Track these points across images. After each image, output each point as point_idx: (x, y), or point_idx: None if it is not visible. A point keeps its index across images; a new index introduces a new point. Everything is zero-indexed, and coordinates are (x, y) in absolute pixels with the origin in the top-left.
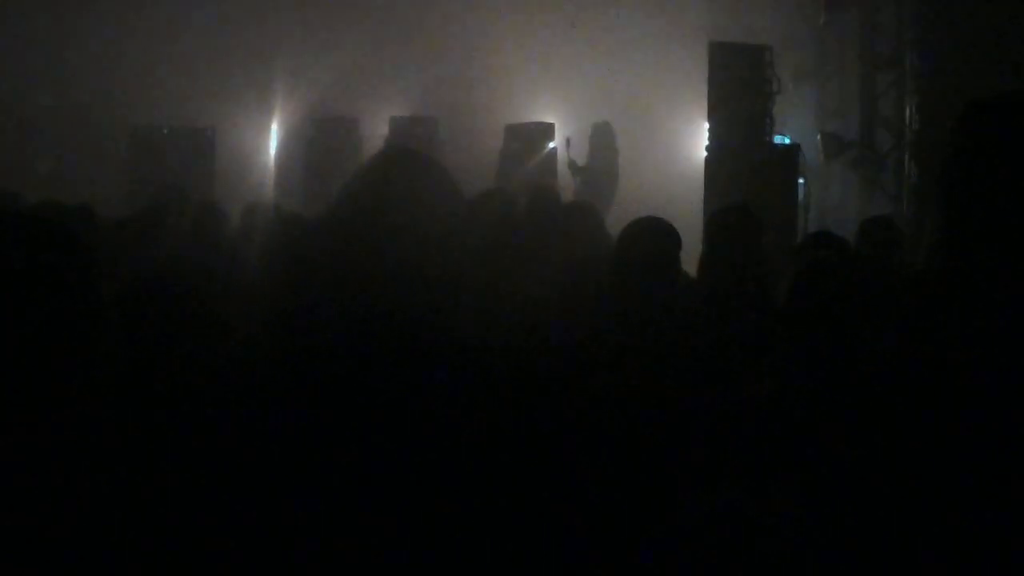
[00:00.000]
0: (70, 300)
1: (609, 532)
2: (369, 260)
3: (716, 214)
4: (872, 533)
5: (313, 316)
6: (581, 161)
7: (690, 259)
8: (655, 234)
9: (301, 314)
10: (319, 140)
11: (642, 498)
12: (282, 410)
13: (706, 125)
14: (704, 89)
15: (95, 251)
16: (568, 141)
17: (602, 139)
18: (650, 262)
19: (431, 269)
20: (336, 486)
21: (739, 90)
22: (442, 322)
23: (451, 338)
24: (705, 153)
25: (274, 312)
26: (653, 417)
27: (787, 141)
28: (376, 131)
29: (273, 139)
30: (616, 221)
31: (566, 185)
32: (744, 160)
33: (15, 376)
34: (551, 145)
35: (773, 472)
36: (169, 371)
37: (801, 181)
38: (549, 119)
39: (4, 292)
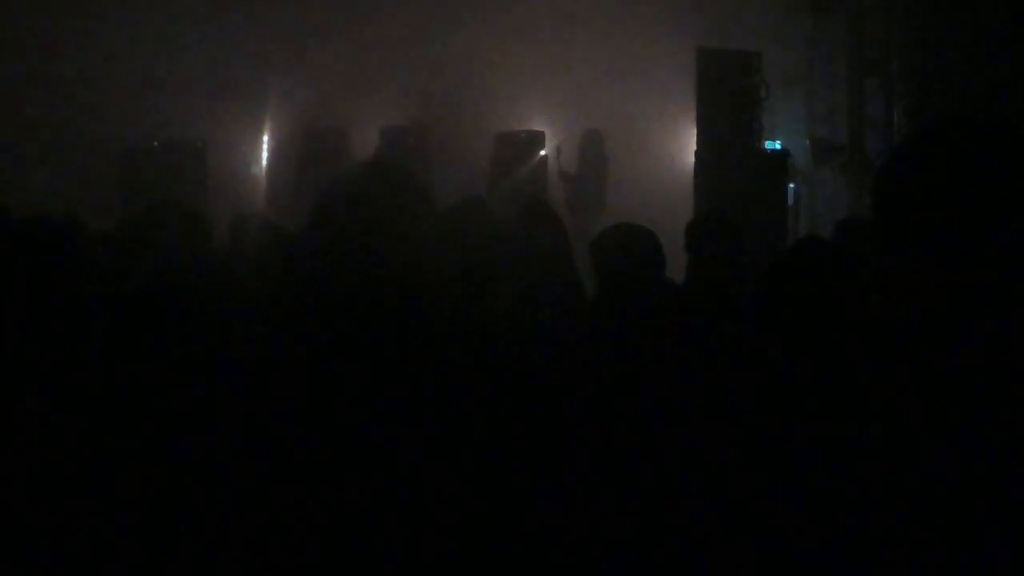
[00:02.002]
0: (55, 309)
1: (598, 537)
2: (346, 270)
3: (693, 222)
4: (863, 530)
5: (296, 324)
6: (571, 169)
7: (681, 265)
8: (634, 239)
9: (286, 322)
10: (310, 151)
11: (630, 503)
12: (269, 416)
13: (695, 131)
14: (693, 96)
15: (82, 262)
16: (558, 149)
17: (592, 146)
18: (630, 267)
19: (405, 278)
20: (328, 490)
21: (728, 96)
22: (422, 330)
23: (432, 346)
24: (694, 159)
25: (261, 321)
26: (636, 421)
27: (777, 146)
28: (367, 142)
29: (264, 151)
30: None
31: (556, 193)
32: (734, 166)
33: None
34: (541, 153)
35: (759, 474)
36: (158, 379)
37: (791, 186)
38: (539, 127)
39: None
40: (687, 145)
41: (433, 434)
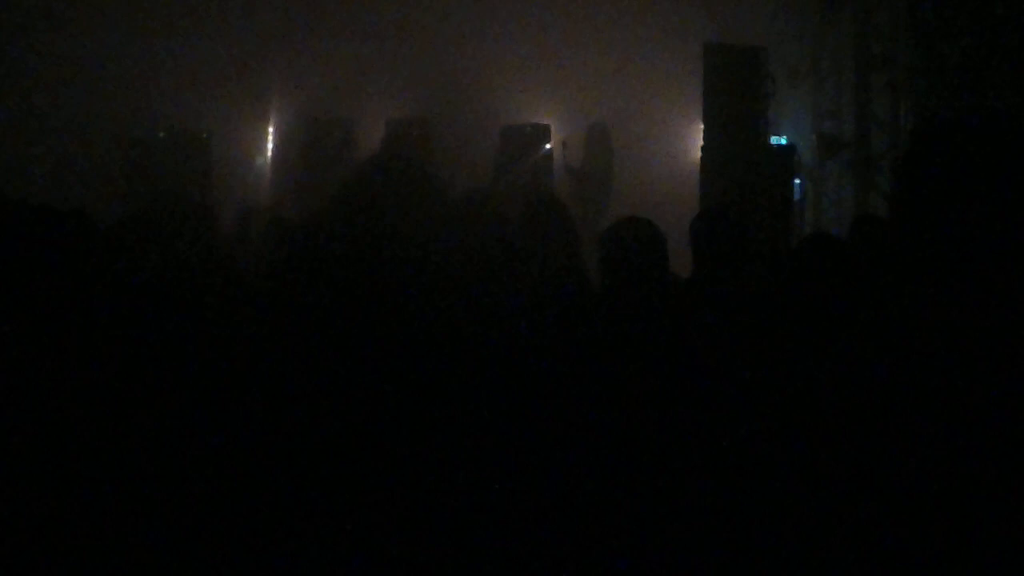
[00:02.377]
0: (60, 302)
1: (604, 530)
2: (358, 263)
3: (697, 217)
4: (864, 527)
5: (305, 317)
6: (577, 163)
7: (687, 260)
8: (637, 234)
9: (294, 315)
10: (315, 143)
11: (635, 496)
12: (278, 407)
13: (702, 126)
14: (700, 90)
15: (89, 256)
16: (564, 144)
17: (598, 141)
18: (635, 262)
19: (418, 270)
20: (334, 483)
21: (734, 91)
22: (431, 321)
23: (440, 338)
24: (701, 154)
25: (268, 312)
26: (639, 417)
27: (783, 142)
28: (372, 134)
29: (269, 142)
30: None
31: (562, 187)
32: (740, 161)
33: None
34: (547, 147)
35: (763, 469)
36: (162, 371)
37: (797, 181)
38: (545, 121)
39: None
40: (693, 140)
41: (438, 429)
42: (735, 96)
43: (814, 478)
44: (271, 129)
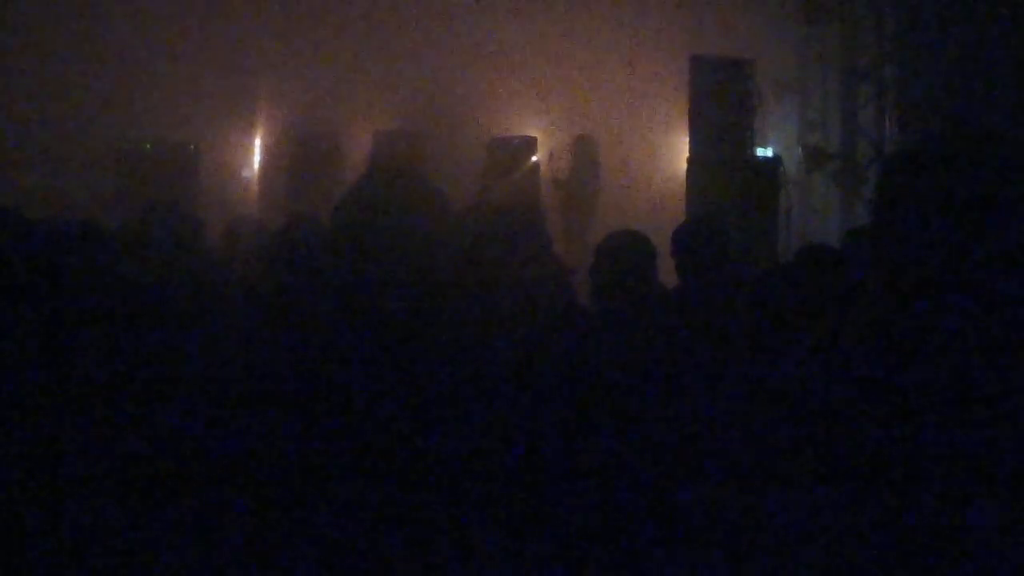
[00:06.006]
0: (41, 309)
1: (603, 535)
2: (363, 268)
3: (679, 229)
4: (862, 531)
5: (308, 320)
6: (563, 175)
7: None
8: (631, 246)
9: (295, 318)
10: (302, 155)
11: (632, 501)
12: (274, 413)
13: (688, 138)
14: (686, 102)
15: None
16: (551, 155)
17: (585, 153)
18: (626, 274)
19: (418, 278)
20: (334, 489)
21: (720, 103)
22: (430, 328)
23: (439, 343)
24: (687, 166)
25: (267, 316)
26: (633, 422)
27: (769, 153)
28: (359, 145)
29: (256, 154)
30: (598, 234)
31: (549, 199)
32: (726, 173)
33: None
34: (534, 159)
35: (754, 479)
36: (154, 380)
37: (783, 193)
38: (532, 133)
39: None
40: (679, 152)
41: (434, 437)
42: (721, 108)
43: (808, 487)
44: (258, 141)
